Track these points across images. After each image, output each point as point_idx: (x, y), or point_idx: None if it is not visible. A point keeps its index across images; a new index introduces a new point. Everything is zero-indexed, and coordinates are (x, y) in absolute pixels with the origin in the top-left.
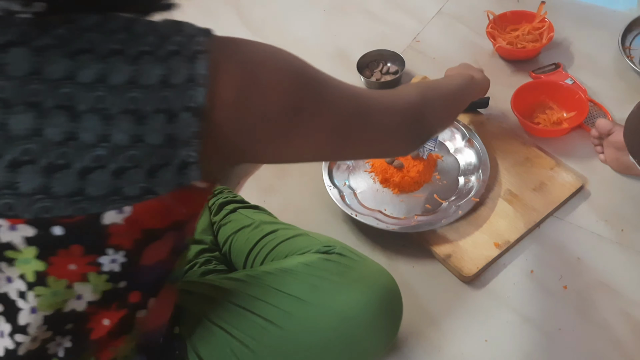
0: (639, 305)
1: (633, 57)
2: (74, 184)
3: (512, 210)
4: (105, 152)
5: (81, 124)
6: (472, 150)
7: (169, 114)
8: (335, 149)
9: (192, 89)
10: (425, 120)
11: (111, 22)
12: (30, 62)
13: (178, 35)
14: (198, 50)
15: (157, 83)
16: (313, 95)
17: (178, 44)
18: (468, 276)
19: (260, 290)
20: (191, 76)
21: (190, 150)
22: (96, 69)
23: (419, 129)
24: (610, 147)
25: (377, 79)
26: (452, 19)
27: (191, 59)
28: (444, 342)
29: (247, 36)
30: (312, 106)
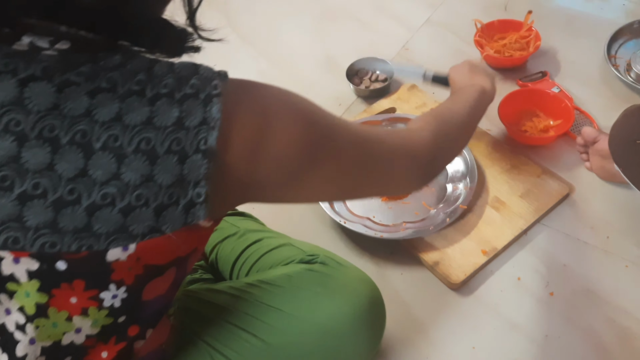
0: (624, 311)
1: (619, 66)
2: (81, 220)
3: (500, 217)
4: (115, 189)
5: (94, 161)
6: (460, 158)
7: (181, 155)
8: (345, 191)
9: (205, 132)
10: (438, 161)
11: (133, 62)
12: (51, 97)
13: (195, 78)
14: (214, 94)
15: (172, 125)
16: (324, 140)
17: (195, 87)
18: (456, 283)
19: (244, 304)
20: (205, 119)
21: (199, 190)
22: (114, 108)
23: (431, 170)
24: (596, 155)
25: (366, 86)
26: (440, 28)
27: (206, 102)
28: (431, 350)
29: (237, 44)
30: (323, 151)
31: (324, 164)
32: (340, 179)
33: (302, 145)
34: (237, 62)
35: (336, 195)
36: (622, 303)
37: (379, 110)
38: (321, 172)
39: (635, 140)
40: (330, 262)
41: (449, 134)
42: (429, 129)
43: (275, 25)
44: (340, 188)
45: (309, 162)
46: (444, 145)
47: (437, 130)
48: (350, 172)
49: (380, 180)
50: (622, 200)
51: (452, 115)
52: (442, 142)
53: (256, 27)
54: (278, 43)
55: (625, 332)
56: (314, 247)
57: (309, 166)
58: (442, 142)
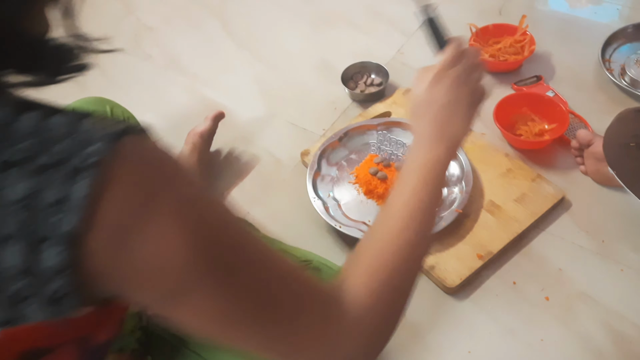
0: (619, 315)
1: (613, 70)
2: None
3: (495, 221)
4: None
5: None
6: (455, 162)
7: (29, 240)
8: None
9: (62, 213)
10: (381, 331)
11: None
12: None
13: (67, 141)
14: (86, 165)
15: (18, 201)
16: (215, 267)
17: (61, 154)
18: (451, 287)
19: None
20: (66, 197)
21: (59, 282)
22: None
23: (372, 343)
24: (591, 158)
25: (362, 90)
26: None
27: (72, 175)
28: (427, 354)
29: (232, 49)
30: (206, 280)
31: (202, 297)
32: (225, 323)
33: (179, 261)
34: (233, 68)
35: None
36: (617, 307)
37: (374, 114)
38: (196, 305)
39: (629, 144)
40: (324, 268)
41: (396, 290)
42: (364, 290)
43: (271, 30)
44: (224, 332)
45: (182, 287)
46: (389, 308)
47: (373, 291)
48: (238, 321)
49: (287, 339)
50: (617, 204)
51: (389, 258)
52: (382, 307)
53: (251, 31)
54: (274, 48)
55: (620, 336)
56: (307, 253)
57: (180, 291)
58: (382, 307)
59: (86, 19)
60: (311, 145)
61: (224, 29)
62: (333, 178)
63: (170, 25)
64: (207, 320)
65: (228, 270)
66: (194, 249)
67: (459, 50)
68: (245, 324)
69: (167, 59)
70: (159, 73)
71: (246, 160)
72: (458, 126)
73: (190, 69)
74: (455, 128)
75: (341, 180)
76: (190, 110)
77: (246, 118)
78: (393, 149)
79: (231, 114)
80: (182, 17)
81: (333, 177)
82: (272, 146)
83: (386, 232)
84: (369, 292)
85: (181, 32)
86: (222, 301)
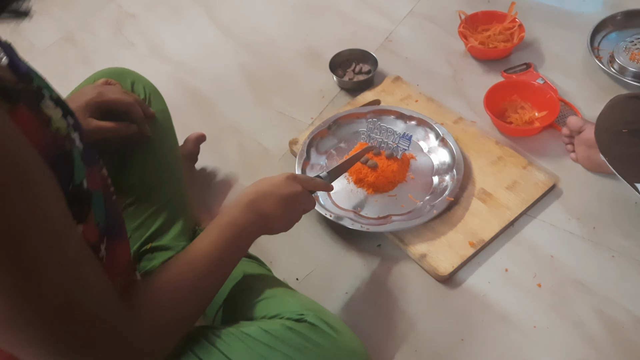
0: (611, 301)
1: (602, 58)
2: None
3: (486, 209)
4: None
5: None
6: (446, 150)
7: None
8: None
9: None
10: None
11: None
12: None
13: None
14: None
15: None
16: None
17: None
18: (443, 275)
19: (207, 352)
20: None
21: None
22: None
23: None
24: (582, 145)
25: (350, 78)
26: (423, 19)
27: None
28: (420, 342)
29: (216, 35)
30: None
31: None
32: None
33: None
34: (219, 56)
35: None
36: (609, 293)
37: (363, 102)
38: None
39: (621, 130)
40: (320, 324)
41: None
42: (146, 323)
43: (257, 17)
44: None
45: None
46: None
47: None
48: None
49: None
50: (608, 191)
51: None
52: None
53: (236, 18)
54: (260, 35)
55: (612, 321)
56: (309, 304)
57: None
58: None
59: (66, 5)
60: (299, 134)
61: (208, 15)
62: (322, 167)
63: (153, 12)
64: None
65: (28, 275)
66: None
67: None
68: (33, 329)
69: (150, 47)
70: (142, 61)
71: (225, 176)
72: (275, 219)
73: (174, 56)
74: (272, 219)
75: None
76: (174, 100)
77: (233, 107)
78: (383, 137)
79: (217, 103)
80: (165, 4)
81: (322, 166)
82: (259, 135)
83: (182, 271)
84: (155, 314)
85: (164, 18)
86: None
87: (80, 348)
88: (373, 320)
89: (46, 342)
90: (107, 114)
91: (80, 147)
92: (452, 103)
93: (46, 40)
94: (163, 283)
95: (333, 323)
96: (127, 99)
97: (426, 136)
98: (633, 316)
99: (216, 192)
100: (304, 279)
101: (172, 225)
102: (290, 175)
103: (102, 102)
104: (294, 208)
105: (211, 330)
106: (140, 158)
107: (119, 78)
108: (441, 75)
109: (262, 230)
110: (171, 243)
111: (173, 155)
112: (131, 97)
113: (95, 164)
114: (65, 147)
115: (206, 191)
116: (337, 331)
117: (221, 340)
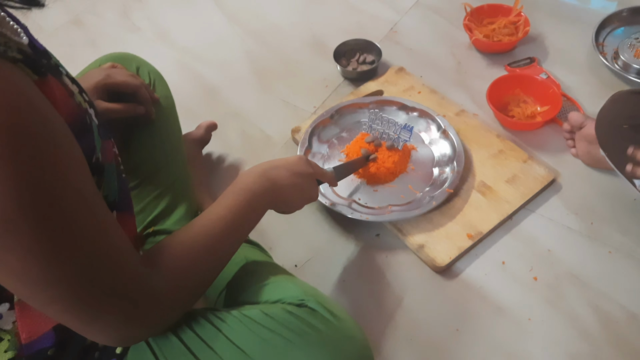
0: (607, 296)
1: (606, 54)
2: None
3: (486, 201)
4: None
5: None
6: (447, 142)
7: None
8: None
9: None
10: (166, 312)
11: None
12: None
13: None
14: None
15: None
16: (32, 223)
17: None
18: (441, 266)
19: (208, 333)
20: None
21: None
22: None
23: (151, 321)
24: (582, 140)
25: (354, 68)
26: (429, 11)
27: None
28: (416, 332)
29: (223, 23)
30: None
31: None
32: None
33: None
34: (224, 42)
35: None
36: (604, 288)
37: (366, 92)
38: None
39: (622, 125)
40: (320, 310)
41: (190, 287)
42: (165, 279)
43: (263, 5)
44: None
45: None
46: (186, 291)
47: (174, 285)
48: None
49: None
50: (607, 187)
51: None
52: (177, 297)
53: (243, 5)
54: (265, 23)
55: (607, 317)
56: (310, 290)
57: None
58: (177, 297)
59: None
60: (302, 122)
61: (215, 2)
62: (324, 156)
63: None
64: (11, 268)
65: (54, 237)
66: (17, 200)
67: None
68: (59, 288)
69: (157, 32)
70: (148, 46)
71: (227, 161)
72: (286, 191)
73: (180, 42)
74: (283, 190)
75: (332, 158)
76: (179, 85)
77: (236, 94)
78: (385, 128)
79: (221, 89)
80: None
81: (324, 155)
82: (262, 122)
83: (198, 232)
84: (173, 272)
85: (171, 4)
86: (31, 256)
87: (105, 305)
88: (370, 308)
89: (73, 300)
90: (114, 96)
91: (96, 122)
92: (455, 95)
93: (54, 23)
94: (179, 244)
95: (333, 309)
96: (135, 82)
97: (428, 128)
98: (627, 312)
99: (218, 177)
100: (302, 265)
101: (175, 209)
102: (304, 157)
103: (110, 84)
104: (302, 187)
105: (213, 312)
106: (143, 142)
107: (124, 63)
108: (445, 67)
109: (273, 200)
110: (174, 227)
111: (176, 140)
112: (138, 79)
113: (108, 138)
114: (86, 120)
115: (209, 176)
116: (337, 317)
117: (222, 322)
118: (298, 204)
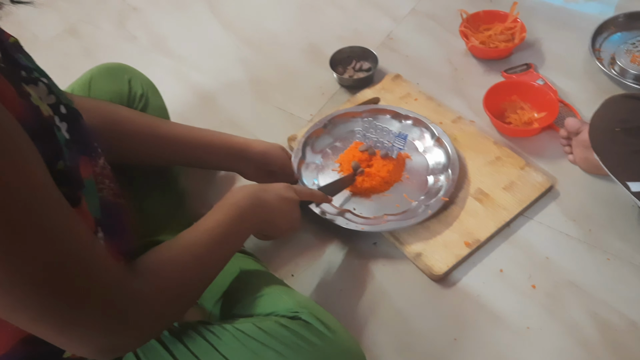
0: (606, 304)
1: (603, 60)
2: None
3: (483, 209)
4: None
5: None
6: (441, 150)
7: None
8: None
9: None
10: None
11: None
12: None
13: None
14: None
15: None
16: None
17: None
18: (438, 275)
19: (201, 348)
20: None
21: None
22: None
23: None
24: (579, 147)
25: (350, 75)
26: (425, 18)
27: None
28: (413, 341)
29: (219, 31)
30: None
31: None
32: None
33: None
34: (220, 51)
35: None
36: (603, 296)
37: (363, 100)
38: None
39: (615, 129)
40: (314, 322)
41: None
42: (149, 284)
43: (259, 12)
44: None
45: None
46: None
47: (160, 293)
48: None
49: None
50: (605, 193)
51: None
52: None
53: (239, 14)
54: (261, 31)
55: (606, 324)
56: (305, 301)
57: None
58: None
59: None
60: (298, 130)
61: (211, 10)
62: (317, 166)
63: (156, 6)
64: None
65: (14, 235)
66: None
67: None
68: (24, 291)
69: (153, 41)
70: (144, 55)
71: (224, 172)
72: (273, 212)
73: (176, 51)
74: (271, 212)
75: (325, 168)
76: (175, 93)
77: (233, 102)
78: (378, 137)
79: (217, 98)
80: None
81: (317, 165)
82: (258, 131)
83: (186, 242)
84: (157, 278)
85: (167, 13)
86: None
87: (80, 309)
88: (367, 317)
89: (42, 304)
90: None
91: (66, 136)
92: (451, 102)
93: (49, 33)
94: (166, 250)
95: (327, 321)
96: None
97: (421, 135)
98: (627, 319)
99: (214, 187)
100: (299, 275)
101: (170, 220)
102: (290, 185)
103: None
104: (286, 212)
105: (205, 325)
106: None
107: (117, 73)
108: (441, 74)
109: (260, 220)
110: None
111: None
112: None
113: (86, 154)
114: (48, 125)
115: (205, 186)
116: (331, 330)
117: (215, 336)
118: (282, 227)
